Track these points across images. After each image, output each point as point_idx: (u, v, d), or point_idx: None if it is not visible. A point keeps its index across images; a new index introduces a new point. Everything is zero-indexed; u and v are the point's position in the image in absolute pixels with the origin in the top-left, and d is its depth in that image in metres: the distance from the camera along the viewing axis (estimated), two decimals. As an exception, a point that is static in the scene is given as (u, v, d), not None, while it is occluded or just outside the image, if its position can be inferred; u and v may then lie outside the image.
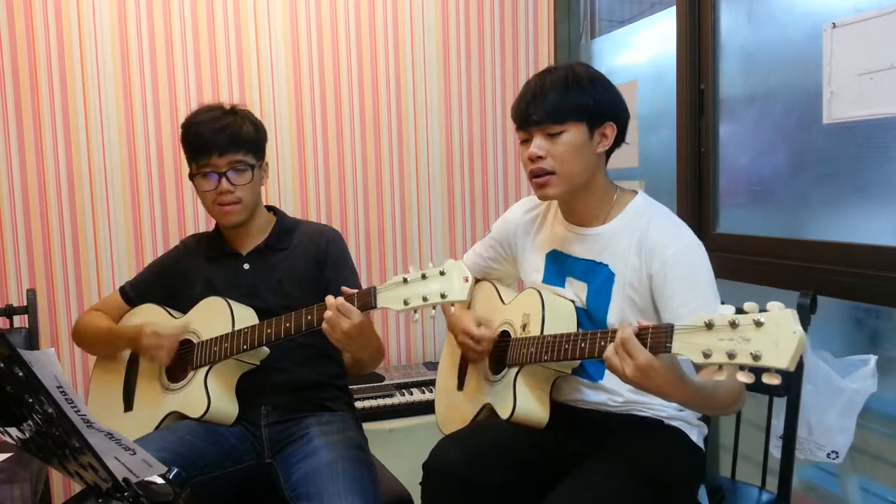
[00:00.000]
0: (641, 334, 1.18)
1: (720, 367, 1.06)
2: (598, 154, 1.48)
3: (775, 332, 1.01)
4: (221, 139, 1.65)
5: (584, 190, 1.50)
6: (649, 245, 1.43)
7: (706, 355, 1.07)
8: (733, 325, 1.05)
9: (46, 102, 2.39)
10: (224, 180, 1.65)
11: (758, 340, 1.02)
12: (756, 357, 1.01)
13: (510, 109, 1.55)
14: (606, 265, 1.50)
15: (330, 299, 1.45)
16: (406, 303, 1.38)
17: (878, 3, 1.64)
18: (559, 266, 1.59)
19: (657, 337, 1.16)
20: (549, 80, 1.47)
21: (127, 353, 1.79)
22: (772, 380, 1.01)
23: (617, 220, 1.51)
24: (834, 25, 1.72)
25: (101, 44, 2.42)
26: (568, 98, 1.44)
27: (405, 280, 1.39)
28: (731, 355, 1.04)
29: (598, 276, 1.51)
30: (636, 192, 1.54)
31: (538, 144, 1.45)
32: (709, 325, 1.07)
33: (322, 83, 2.65)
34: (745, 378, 1.04)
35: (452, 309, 1.40)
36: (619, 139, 1.51)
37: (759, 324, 1.02)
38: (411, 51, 2.74)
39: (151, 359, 1.67)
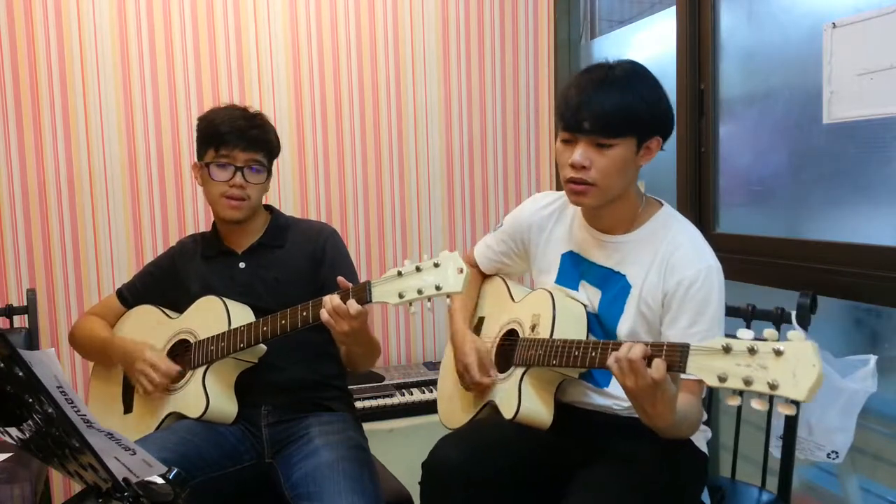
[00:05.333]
0: (655, 351, 1.17)
1: (737, 393, 1.05)
2: (638, 167, 1.44)
3: (794, 363, 0.99)
4: (248, 136, 1.67)
5: (617, 199, 1.46)
6: (671, 263, 1.41)
7: (722, 379, 1.06)
8: (752, 351, 1.03)
9: (46, 102, 2.39)
10: (239, 175, 1.67)
11: (776, 369, 1.01)
12: (773, 386, 1.00)
13: (557, 99, 1.46)
14: (624, 276, 1.47)
15: (327, 301, 1.45)
16: (401, 296, 1.38)
17: (878, 3, 1.64)
18: (575, 268, 1.56)
19: (672, 356, 1.15)
20: (607, 80, 1.38)
21: None
22: (786, 410, 1.01)
23: (640, 230, 1.48)
24: (834, 25, 1.72)
25: (101, 44, 2.42)
26: (625, 108, 1.36)
27: (400, 273, 1.39)
28: (747, 381, 1.03)
29: (614, 286, 1.49)
30: (662, 203, 1.52)
31: (583, 154, 1.38)
32: (726, 349, 1.06)
33: (322, 83, 2.65)
34: (759, 406, 1.03)
35: (447, 301, 1.39)
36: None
37: (778, 353, 1.01)
38: (411, 51, 2.74)
39: (138, 385, 1.66)
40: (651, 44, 2.58)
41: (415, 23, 2.73)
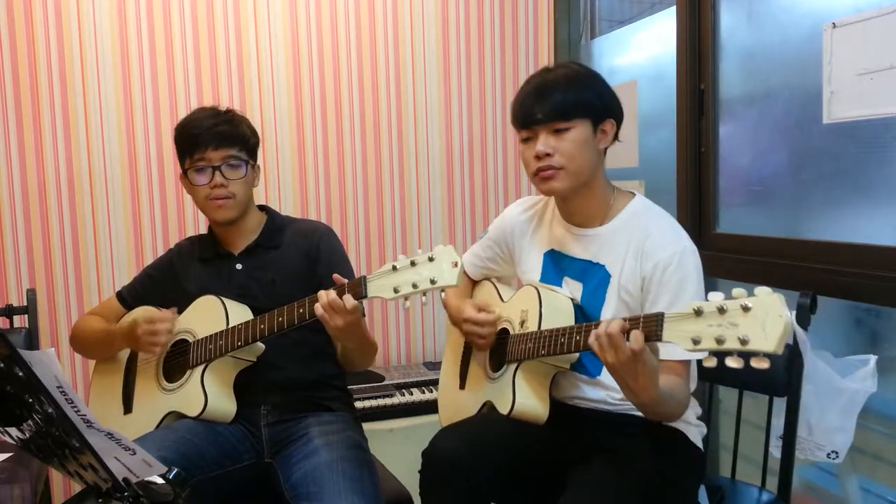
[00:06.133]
0: (632, 324, 1.19)
1: (710, 354, 1.07)
2: (600, 151, 1.50)
3: (763, 316, 1.01)
4: (217, 134, 1.66)
5: (586, 188, 1.50)
6: (646, 248, 1.45)
7: (695, 342, 1.08)
8: (721, 310, 1.05)
9: (46, 102, 2.39)
10: (218, 174, 1.66)
11: (745, 325, 1.03)
12: (744, 341, 1.02)
13: (510, 110, 1.55)
14: (603, 266, 1.51)
15: (322, 296, 1.44)
16: (396, 290, 1.38)
17: (878, 3, 1.64)
18: (557, 265, 1.59)
19: (648, 326, 1.17)
20: (550, 78, 1.48)
21: (125, 357, 1.79)
22: (760, 364, 1.02)
23: (615, 221, 1.52)
24: (834, 25, 1.72)
25: (101, 44, 2.42)
26: (573, 95, 1.45)
27: (394, 268, 1.39)
28: (719, 341, 1.05)
29: (594, 277, 1.52)
30: (634, 194, 1.55)
31: (545, 142, 1.45)
32: (698, 312, 1.08)
33: (322, 83, 2.65)
34: (734, 363, 1.04)
35: (442, 295, 1.40)
36: (615, 137, 1.53)
37: (746, 308, 1.03)
38: (411, 51, 2.74)
39: (149, 347, 1.65)
40: (651, 44, 2.58)
41: (415, 23, 2.73)
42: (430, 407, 2.38)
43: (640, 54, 2.66)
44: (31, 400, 0.93)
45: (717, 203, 2.21)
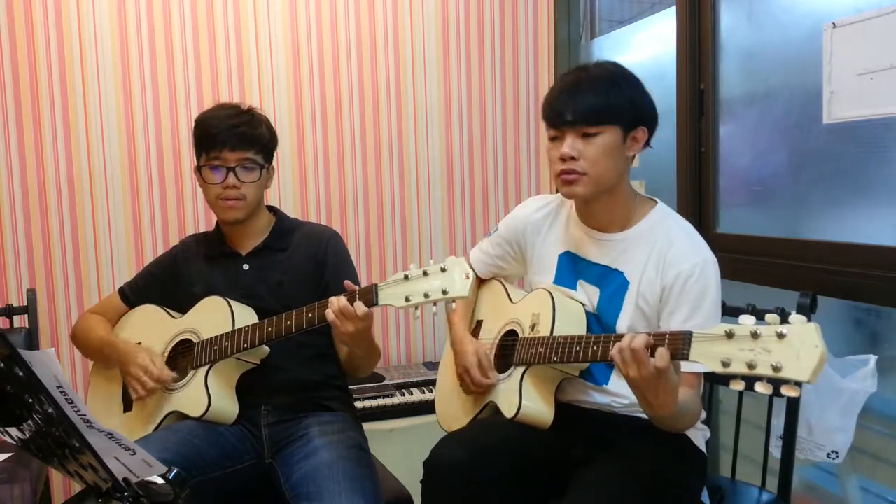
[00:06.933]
0: (658, 340, 1.18)
1: (739, 378, 1.06)
2: (627, 157, 1.47)
3: (798, 345, 1.00)
4: (235, 134, 1.66)
5: (608, 193, 1.48)
6: (668, 258, 1.43)
7: (725, 364, 1.06)
8: (755, 335, 1.04)
9: (46, 102, 2.39)
10: (231, 175, 1.66)
11: (779, 352, 1.01)
12: (777, 369, 1.01)
13: (541, 106, 1.51)
14: (622, 273, 1.49)
15: (333, 302, 1.45)
16: (408, 299, 1.38)
17: (878, 3, 1.64)
18: (573, 268, 1.57)
19: (675, 344, 1.16)
20: (585, 78, 1.44)
21: None
22: (790, 392, 1.01)
23: (636, 228, 1.50)
24: (834, 25, 1.72)
25: (101, 44, 2.42)
26: (605, 99, 1.41)
27: (406, 277, 1.39)
28: (750, 366, 1.03)
29: (611, 283, 1.50)
30: (656, 202, 1.54)
31: (571, 145, 1.42)
32: (729, 335, 1.07)
33: (322, 83, 2.65)
34: (763, 389, 1.03)
35: (453, 305, 1.40)
36: (646, 143, 1.50)
37: (781, 336, 1.01)
38: (411, 51, 2.74)
39: (130, 387, 1.65)
40: (651, 44, 2.58)
41: (415, 23, 2.73)
42: (431, 407, 2.35)
43: (640, 54, 2.66)
44: (31, 400, 0.93)
45: (717, 203, 2.21)
